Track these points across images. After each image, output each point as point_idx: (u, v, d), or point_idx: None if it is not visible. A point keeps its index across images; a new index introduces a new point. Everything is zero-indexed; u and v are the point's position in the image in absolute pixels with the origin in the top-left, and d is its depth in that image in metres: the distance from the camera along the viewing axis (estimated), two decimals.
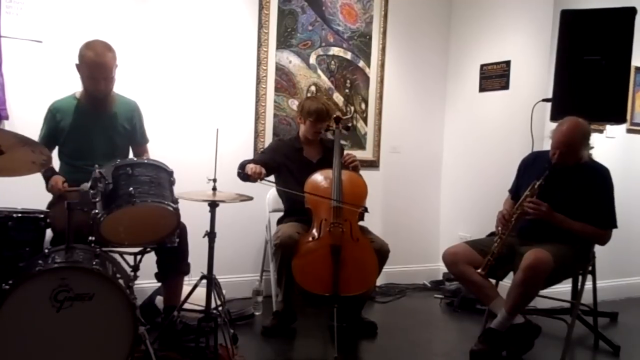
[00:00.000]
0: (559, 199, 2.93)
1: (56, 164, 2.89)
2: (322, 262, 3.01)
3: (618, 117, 3.36)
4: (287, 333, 3.26)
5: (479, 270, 2.91)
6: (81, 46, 2.85)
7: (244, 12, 3.89)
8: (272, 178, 3.35)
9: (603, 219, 2.95)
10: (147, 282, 3.23)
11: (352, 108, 4.33)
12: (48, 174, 2.77)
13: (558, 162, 2.94)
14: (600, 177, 2.99)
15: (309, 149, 3.47)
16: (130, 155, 3.10)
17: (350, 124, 4.12)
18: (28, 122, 3.17)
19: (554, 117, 3.36)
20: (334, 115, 3.51)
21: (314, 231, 3.14)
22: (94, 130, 2.93)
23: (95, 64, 2.79)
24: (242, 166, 3.21)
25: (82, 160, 2.85)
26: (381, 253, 3.19)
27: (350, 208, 3.13)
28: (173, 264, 2.90)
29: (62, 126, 2.89)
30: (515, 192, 3.21)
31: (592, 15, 3.31)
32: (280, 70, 4.03)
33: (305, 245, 3.09)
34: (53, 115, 2.90)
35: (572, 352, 3.20)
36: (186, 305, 2.80)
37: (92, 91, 2.87)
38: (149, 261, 2.76)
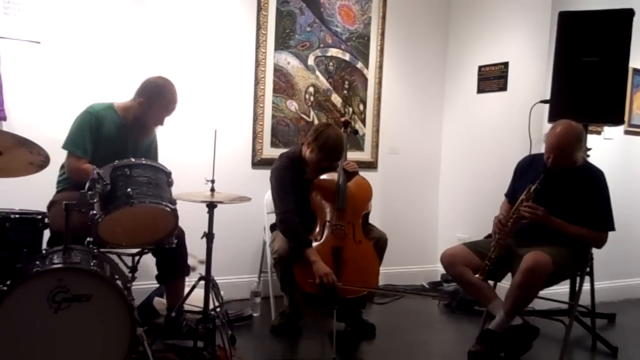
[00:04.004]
0: (555, 202, 2.93)
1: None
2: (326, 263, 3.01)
3: (616, 118, 3.35)
4: (288, 333, 3.27)
5: (477, 276, 2.92)
6: (161, 82, 2.90)
7: (242, 14, 3.89)
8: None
9: (599, 222, 2.95)
10: (145, 283, 3.23)
11: (351, 109, 4.33)
12: None
13: (552, 165, 2.93)
14: (595, 180, 2.99)
15: (309, 170, 3.30)
16: None
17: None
18: (26, 123, 3.18)
19: (551, 119, 3.36)
20: (342, 120, 3.60)
21: (317, 233, 3.15)
22: (131, 148, 2.91)
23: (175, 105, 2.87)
24: (301, 244, 3.03)
25: None
26: (380, 243, 3.21)
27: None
28: (173, 266, 2.90)
29: (103, 137, 2.83)
30: (512, 195, 3.20)
31: (590, 16, 3.31)
32: (278, 71, 4.03)
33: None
34: (99, 124, 2.84)
35: (570, 353, 3.19)
36: (184, 307, 2.80)
37: (153, 124, 2.93)
38: (147, 262, 2.76)
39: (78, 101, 3.38)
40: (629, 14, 3.25)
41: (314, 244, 3.10)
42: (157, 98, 2.87)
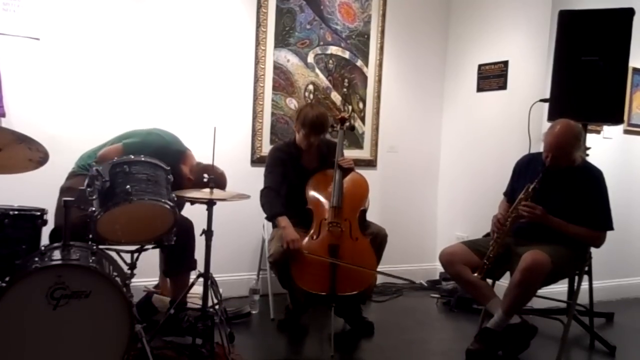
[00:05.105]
0: (553, 201, 2.93)
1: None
2: (320, 261, 3.01)
3: (615, 117, 3.35)
4: (293, 328, 3.31)
5: (475, 274, 2.93)
6: (217, 174, 2.85)
7: (242, 11, 3.89)
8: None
9: (597, 222, 2.95)
10: (143, 280, 3.24)
11: (350, 107, 4.32)
12: None
13: (551, 165, 2.93)
14: (594, 180, 2.98)
15: (306, 156, 3.41)
16: None
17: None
18: (25, 120, 3.18)
19: (551, 118, 3.36)
20: (339, 117, 3.61)
21: (314, 231, 3.15)
22: None
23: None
24: (273, 212, 3.20)
25: None
26: (378, 238, 3.22)
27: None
28: (180, 260, 2.91)
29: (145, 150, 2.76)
30: (510, 194, 3.20)
31: (590, 15, 3.31)
32: (278, 69, 4.03)
33: (305, 245, 3.08)
34: (163, 152, 2.79)
35: (568, 352, 3.20)
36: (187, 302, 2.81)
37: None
38: (147, 259, 2.75)
39: (77, 98, 3.41)
40: (629, 13, 3.25)
41: (311, 241, 3.11)
42: (201, 182, 2.87)
